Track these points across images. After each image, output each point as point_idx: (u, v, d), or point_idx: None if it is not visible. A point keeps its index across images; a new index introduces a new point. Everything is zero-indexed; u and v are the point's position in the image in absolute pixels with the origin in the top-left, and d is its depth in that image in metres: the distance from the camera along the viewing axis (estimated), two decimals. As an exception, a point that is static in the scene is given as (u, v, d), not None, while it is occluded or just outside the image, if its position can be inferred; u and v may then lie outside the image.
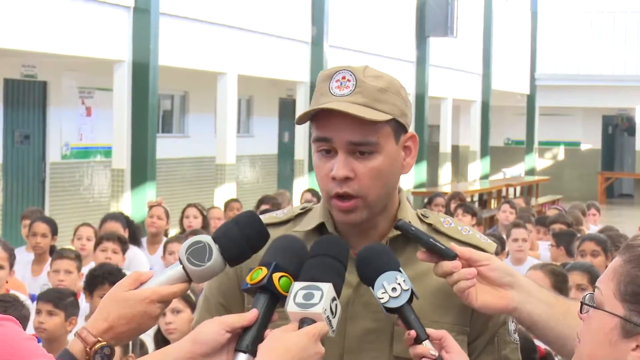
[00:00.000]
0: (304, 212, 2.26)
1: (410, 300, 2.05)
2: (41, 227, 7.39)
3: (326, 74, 2.13)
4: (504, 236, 8.20)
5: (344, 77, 2.11)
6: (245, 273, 2.12)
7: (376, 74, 2.13)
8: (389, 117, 2.10)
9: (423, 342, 2.03)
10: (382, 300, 2.04)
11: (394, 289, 2.03)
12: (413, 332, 2.03)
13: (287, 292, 1.95)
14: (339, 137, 2.09)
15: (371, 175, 2.10)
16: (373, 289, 2.06)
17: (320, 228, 2.19)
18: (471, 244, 2.19)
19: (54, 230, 7.48)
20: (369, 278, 2.07)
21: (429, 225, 2.22)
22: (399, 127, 2.14)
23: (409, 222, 2.18)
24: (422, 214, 2.25)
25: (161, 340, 4.95)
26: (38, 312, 5.05)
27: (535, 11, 28.30)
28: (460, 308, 2.15)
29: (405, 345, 2.06)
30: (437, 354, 2.02)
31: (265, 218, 2.20)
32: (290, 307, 1.91)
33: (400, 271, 2.06)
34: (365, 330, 2.13)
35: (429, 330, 2.05)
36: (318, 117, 2.11)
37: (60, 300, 5.09)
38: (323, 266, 1.98)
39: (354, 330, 2.13)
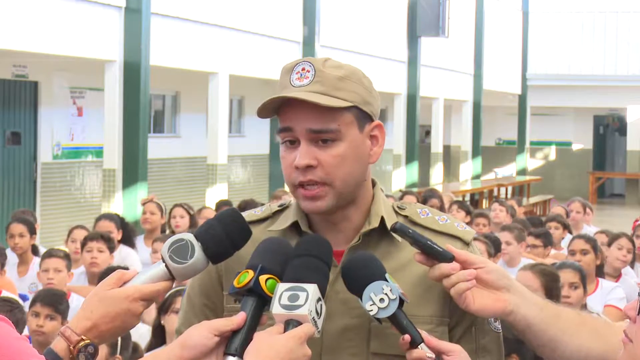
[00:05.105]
0: (282, 209, 2.25)
1: (401, 304, 2.03)
2: (18, 227, 7.39)
3: (288, 67, 2.15)
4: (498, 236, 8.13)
5: (303, 69, 2.11)
6: (225, 272, 2.15)
7: (337, 65, 2.13)
8: (348, 104, 2.09)
9: (419, 346, 2.02)
10: (371, 312, 2.02)
11: (381, 299, 2.01)
12: (407, 337, 2.02)
13: None
14: (299, 126, 2.09)
15: (334, 162, 2.09)
16: (361, 300, 2.03)
17: (296, 226, 2.18)
18: (448, 234, 2.18)
19: (32, 230, 7.46)
20: (355, 289, 2.05)
21: (405, 217, 2.20)
22: (362, 115, 2.13)
23: (395, 222, 2.15)
24: (398, 207, 2.22)
25: (159, 335, 4.91)
26: (36, 314, 4.98)
27: (527, 11, 28.33)
28: (439, 299, 2.13)
29: (402, 350, 2.04)
30: (434, 356, 2.01)
31: (244, 215, 2.19)
32: (276, 308, 1.91)
33: (386, 279, 2.03)
34: (344, 328, 2.11)
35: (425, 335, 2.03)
36: (281, 109, 2.12)
37: (59, 304, 5.04)
38: (307, 266, 1.98)
39: (332, 328, 2.10)
